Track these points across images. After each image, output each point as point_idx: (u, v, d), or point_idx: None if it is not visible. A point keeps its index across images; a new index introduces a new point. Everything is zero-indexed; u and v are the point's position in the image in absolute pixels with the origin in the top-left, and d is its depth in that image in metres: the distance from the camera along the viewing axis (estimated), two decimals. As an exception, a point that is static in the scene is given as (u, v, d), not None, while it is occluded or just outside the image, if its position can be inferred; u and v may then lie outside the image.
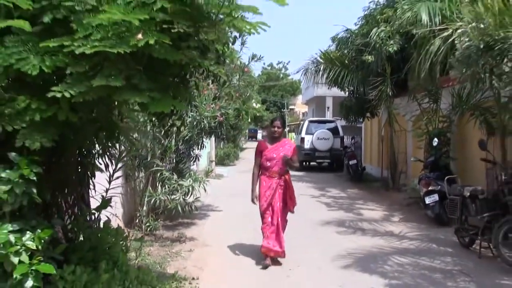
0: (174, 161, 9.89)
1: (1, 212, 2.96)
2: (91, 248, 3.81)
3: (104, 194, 5.10)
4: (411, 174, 15.22)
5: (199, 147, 10.42)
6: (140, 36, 2.41)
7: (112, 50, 2.42)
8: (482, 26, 5.87)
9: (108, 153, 4.76)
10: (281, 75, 70.34)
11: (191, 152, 10.65)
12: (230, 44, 3.65)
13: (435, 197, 10.01)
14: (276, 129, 7.23)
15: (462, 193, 8.15)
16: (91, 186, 4.70)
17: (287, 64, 73.66)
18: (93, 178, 4.61)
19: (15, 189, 2.94)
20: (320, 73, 17.34)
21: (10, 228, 2.93)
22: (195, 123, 9.05)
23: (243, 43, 8.69)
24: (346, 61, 16.47)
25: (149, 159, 8.75)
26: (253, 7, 2.86)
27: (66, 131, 3.12)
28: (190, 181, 8.70)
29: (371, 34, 13.63)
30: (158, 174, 8.95)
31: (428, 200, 10.19)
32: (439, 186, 9.90)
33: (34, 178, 3.00)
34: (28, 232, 3.01)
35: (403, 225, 10.22)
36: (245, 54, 18.72)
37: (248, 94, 10.53)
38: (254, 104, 12.17)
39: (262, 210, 7.17)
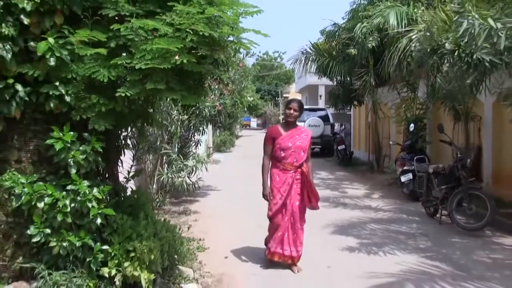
0: (179, 145, 11.24)
1: (79, 173, 4.33)
2: (129, 204, 5.18)
3: (128, 169, 6.42)
4: (394, 157, 16.56)
5: (201, 133, 11.74)
6: (177, 57, 3.75)
7: (159, 66, 3.75)
8: (428, 34, 7.27)
9: (135, 136, 6.13)
10: (276, 64, 71.43)
11: (193, 138, 11.96)
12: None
13: (409, 175, 11.37)
14: (292, 111, 6.13)
15: (427, 170, 9.59)
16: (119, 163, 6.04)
17: (283, 53, 74.68)
18: (123, 155, 5.94)
19: (88, 157, 4.31)
20: (310, 63, 18.51)
21: (86, 183, 4.32)
22: (197, 112, 10.32)
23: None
24: (334, 53, 17.55)
25: (158, 144, 10.06)
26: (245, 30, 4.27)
27: (118, 118, 4.49)
28: (194, 161, 10.04)
29: (355, 29, 14.79)
30: (165, 157, 10.28)
31: (403, 179, 11.58)
32: (413, 166, 11.25)
33: (101, 150, 4.40)
34: (95, 187, 4.39)
35: (381, 201, 11.61)
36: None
37: (243, 86, 11.82)
38: (249, 98, 13.45)
39: (274, 211, 6.16)
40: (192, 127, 11.15)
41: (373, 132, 17.97)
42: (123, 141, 5.80)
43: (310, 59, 18.21)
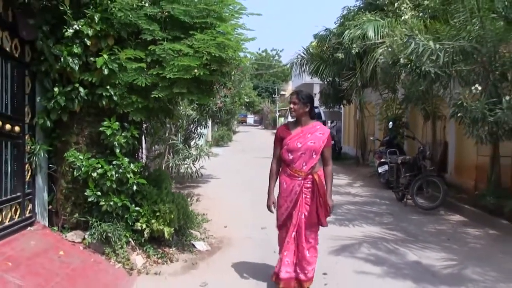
0: (184, 137, 12.83)
1: (120, 152, 5.92)
2: (153, 178, 6.78)
3: (146, 154, 8.01)
4: (377, 152, 18.21)
5: (203, 127, 13.34)
6: (195, 70, 5.36)
7: (183, 76, 5.35)
8: (390, 49, 8.92)
9: (153, 127, 7.72)
10: (274, 62, 72.91)
11: (196, 131, 13.54)
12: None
13: (385, 167, 12.98)
14: (291, 105, 5.16)
15: (397, 161, 11.23)
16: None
17: (280, 51, 76.40)
18: (144, 142, 7.54)
19: (128, 141, 5.92)
20: (304, 66, 20.00)
21: (126, 160, 5.92)
22: (207, 109, 11.90)
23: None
24: (325, 57, 19.01)
25: (166, 135, 11.64)
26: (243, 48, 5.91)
27: (148, 112, 6.09)
28: (198, 151, 11.66)
29: (343, 35, 16.26)
30: (172, 147, 11.87)
31: (380, 170, 13.24)
32: (389, 159, 12.88)
33: (137, 136, 6.02)
34: (131, 163, 5.98)
35: (360, 189, 13.26)
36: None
37: (242, 86, 13.43)
38: (246, 99, 15.07)
39: (279, 223, 5.34)
40: (196, 122, 12.75)
41: (360, 129, 19.57)
42: (145, 131, 7.42)
43: (304, 62, 19.73)
